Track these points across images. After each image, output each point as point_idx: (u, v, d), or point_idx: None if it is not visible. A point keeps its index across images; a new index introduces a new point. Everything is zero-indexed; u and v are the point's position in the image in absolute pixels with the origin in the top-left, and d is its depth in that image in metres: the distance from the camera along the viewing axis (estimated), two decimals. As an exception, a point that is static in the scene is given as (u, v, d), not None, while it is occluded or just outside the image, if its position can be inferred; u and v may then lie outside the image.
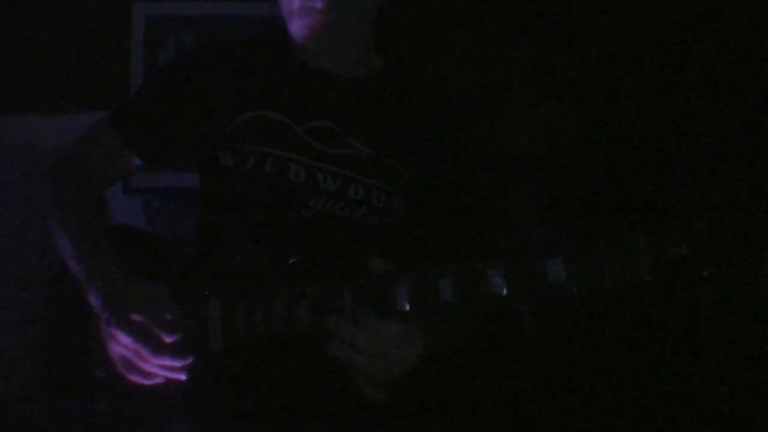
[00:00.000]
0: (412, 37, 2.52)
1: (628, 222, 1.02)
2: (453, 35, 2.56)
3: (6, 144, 2.48)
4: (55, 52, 2.51)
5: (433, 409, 1.49)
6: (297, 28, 1.42)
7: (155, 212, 2.50)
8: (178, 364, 1.32)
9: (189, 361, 1.33)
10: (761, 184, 1.00)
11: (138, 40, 2.51)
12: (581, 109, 2.47)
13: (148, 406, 1.36)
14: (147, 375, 1.34)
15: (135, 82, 2.49)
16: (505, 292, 1.08)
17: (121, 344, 1.34)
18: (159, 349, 1.31)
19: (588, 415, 2.17)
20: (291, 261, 1.30)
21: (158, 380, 1.34)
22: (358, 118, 1.44)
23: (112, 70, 2.52)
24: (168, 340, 1.32)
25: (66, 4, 2.52)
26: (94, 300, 1.37)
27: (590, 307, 2.17)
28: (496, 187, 2.31)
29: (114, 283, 1.35)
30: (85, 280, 1.38)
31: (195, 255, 1.51)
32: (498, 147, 2.43)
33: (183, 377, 1.33)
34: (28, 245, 2.40)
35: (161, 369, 1.33)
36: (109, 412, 1.39)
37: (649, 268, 0.99)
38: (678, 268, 1.00)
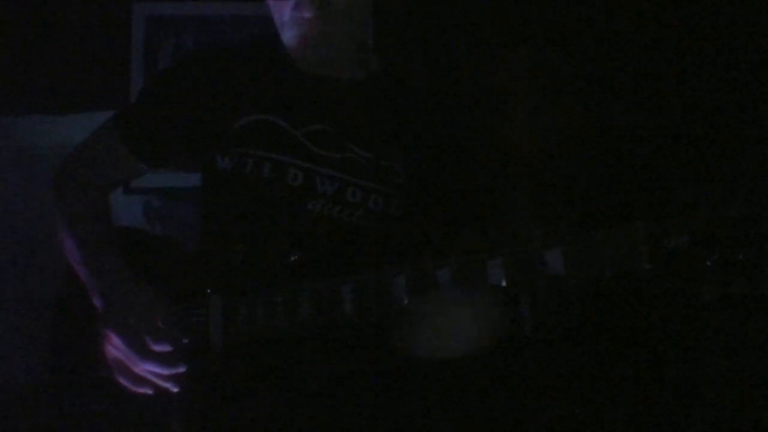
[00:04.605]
0: (412, 38, 2.53)
1: (629, 213, 1.02)
2: (453, 35, 2.56)
3: (6, 144, 2.49)
4: (56, 52, 2.51)
5: (434, 406, 1.48)
6: (289, 38, 1.42)
7: (155, 212, 2.51)
8: (164, 372, 1.33)
9: (179, 370, 1.33)
10: (762, 173, 1.00)
11: (138, 40, 2.51)
12: (581, 109, 2.47)
13: (149, 406, 1.36)
14: (136, 380, 1.35)
15: (135, 82, 2.50)
16: (504, 283, 1.08)
17: (114, 346, 1.35)
18: (146, 354, 1.32)
19: (588, 408, 2.16)
20: (293, 259, 1.31)
21: (147, 388, 1.34)
22: (356, 121, 1.44)
23: (112, 70, 2.52)
24: (154, 348, 1.32)
25: (66, 4, 2.53)
26: (97, 302, 1.38)
27: (591, 298, 2.17)
28: (495, 187, 2.31)
29: (114, 287, 1.37)
30: (90, 284, 1.40)
31: (195, 254, 1.52)
32: (498, 147, 2.43)
33: (174, 389, 1.34)
34: (28, 244, 2.41)
35: (150, 375, 1.34)
36: (111, 411, 1.40)
37: (648, 256, 0.99)
38: (681, 258, 1.00)
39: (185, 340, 1.33)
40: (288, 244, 1.34)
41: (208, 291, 1.35)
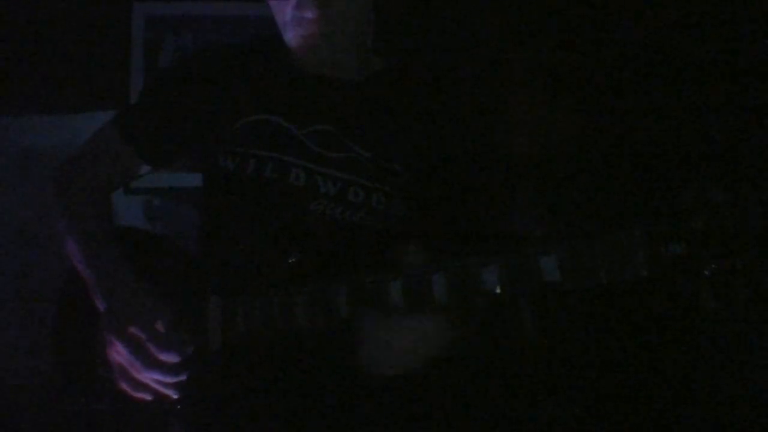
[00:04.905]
0: (413, 38, 2.53)
1: (627, 219, 1.02)
2: (454, 35, 2.56)
3: (6, 144, 2.49)
4: (56, 52, 2.51)
5: (434, 408, 1.48)
6: (291, 38, 1.42)
7: (155, 212, 2.51)
8: (168, 380, 1.33)
9: (181, 378, 1.33)
10: (760, 180, 1.00)
11: (138, 40, 2.51)
12: (581, 109, 2.47)
13: (149, 406, 1.36)
14: (138, 386, 1.35)
15: (135, 82, 2.50)
16: (498, 290, 1.08)
17: (117, 352, 1.35)
18: (151, 363, 1.32)
19: (587, 413, 2.16)
20: (291, 260, 1.30)
21: (147, 395, 1.34)
22: (358, 121, 1.44)
23: (112, 70, 2.52)
24: (161, 357, 1.32)
25: (66, 4, 2.53)
26: (99, 304, 1.38)
27: (590, 306, 2.17)
28: (495, 187, 2.31)
29: (117, 291, 1.36)
30: (91, 284, 1.39)
31: (196, 254, 1.51)
32: (498, 147, 2.43)
33: (174, 395, 1.33)
34: (28, 244, 2.41)
35: (153, 383, 1.33)
36: (111, 411, 1.39)
37: (646, 263, 0.98)
38: (678, 266, 0.99)
39: (191, 349, 1.33)
40: (289, 244, 1.33)
41: (208, 291, 1.34)
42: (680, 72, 2.39)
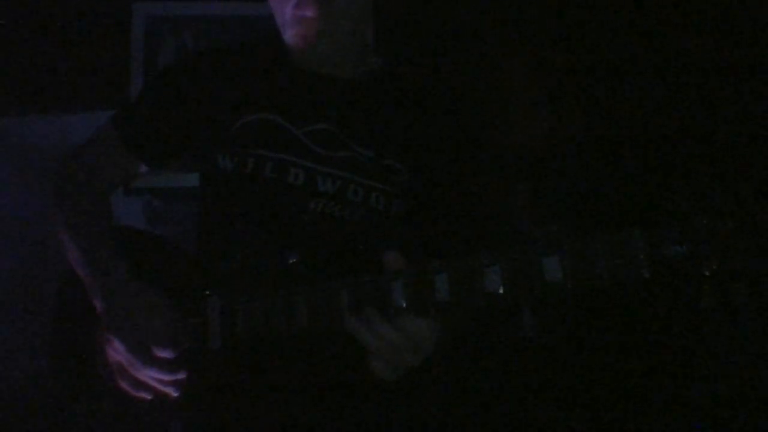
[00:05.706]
0: (413, 37, 2.53)
1: (628, 220, 1.02)
2: (454, 35, 2.56)
3: (6, 144, 2.49)
4: (56, 52, 2.51)
5: (434, 407, 1.48)
6: (291, 37, 1.42)
7: (155, 212, 2.51)
8: (166, 378, 1.33)
9: (180, 376, 1.33)
10: (762, 182, 1.00)
11: (138, 40, 2.51)
12: (581, 109, 2.47)
13: (149, 407, 1.36)
14: (137, 384, 1.35)
15: (135, 82, 2.49)
16: (501, 290, 1.08)
17: (115, 350, 1.35)
18: (149, 361, 1.32)
19: (587, 413, 2.16)
20: (290, 261, 1.30)
21: (147, 393, 1.34)
22: (357, 120, 1.44)
23: (112, 70, 2.52)
24: (159, 354, 1.32)
25: (66, 4, 2.53)
26: (97, 303, 1.38)
27: (592, 306, 2.17)
28: (496, 186, 2.31)
29: (115, 290, 1.36)
30: (89, 284, 1.39)
31: (195, 254, 1.51)
32: (498, 146, 2.43)
33: (174, 393, 1.33)
34: (28, 244, 2.41)
35: (152, 380, 1.34)
36: (111, 411, 1.40)
37: (647, 265, 0.98)
38: (680, 267, 0.99)
39: (187, 345, 1.33)
40: (289, 244, 1.33)
41: (207, 292, 1.34)
42: (681, 72, 2.39)
